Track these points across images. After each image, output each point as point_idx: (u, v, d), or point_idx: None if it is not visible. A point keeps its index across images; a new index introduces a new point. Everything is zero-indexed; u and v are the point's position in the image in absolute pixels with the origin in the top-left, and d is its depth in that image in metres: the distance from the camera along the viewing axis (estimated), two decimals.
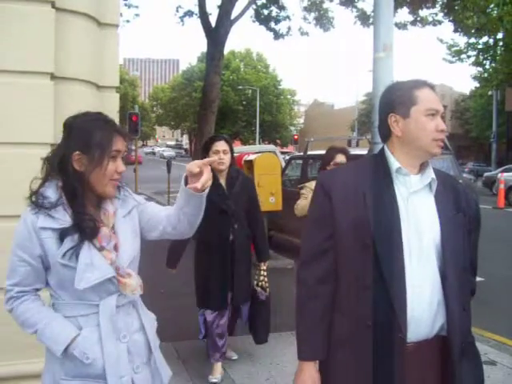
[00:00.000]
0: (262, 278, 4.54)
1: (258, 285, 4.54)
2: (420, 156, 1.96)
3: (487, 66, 25.99)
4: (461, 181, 5.30)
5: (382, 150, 2.04)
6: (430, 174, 1.96)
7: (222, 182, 4.27)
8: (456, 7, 14.19)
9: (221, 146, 4.20)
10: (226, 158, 4.20)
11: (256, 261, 4.56)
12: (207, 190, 2.06)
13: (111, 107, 3.64)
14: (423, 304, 1.86)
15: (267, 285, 4.56)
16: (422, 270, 1.87)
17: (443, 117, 1.94)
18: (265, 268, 4.55)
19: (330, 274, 1.97)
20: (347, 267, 1.93)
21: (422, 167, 1.98)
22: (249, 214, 4.40)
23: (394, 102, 1.96)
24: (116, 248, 2.00)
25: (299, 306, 2.02)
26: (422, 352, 1.88)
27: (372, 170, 1.98)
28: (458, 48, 23.81)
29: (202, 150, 4.18)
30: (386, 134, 2.01)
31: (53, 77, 3.09)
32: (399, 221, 1.86)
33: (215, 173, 3.83)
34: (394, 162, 1.95)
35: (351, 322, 1.91)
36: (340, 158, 4.72)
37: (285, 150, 48.74)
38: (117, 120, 3.71)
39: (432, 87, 1.98)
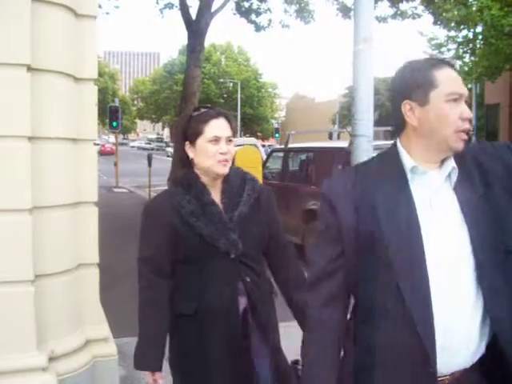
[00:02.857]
0: None
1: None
2: (441, 150, 1.62)
3: (467, 60, 26.15)
4: None
5: (394, 146, 1.70)
6: (449, 164, 1.63)
7: (216, 196, 2.33)
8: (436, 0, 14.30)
9: (221, 128, 2.29)
10: (232, 152, 2.33)
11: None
12: None
13: (89, 100, 3.60)
14: (459, 326, 1.54)
15: None
16: (455, 284, 1.55)
17: (467, 102, 1.62)
18: None
19: (339, 296, 1.69)
20: (361, 290, 1.65)
21: (443, 161, 1.65)
22: (269, 246, 2.44)
23: (408, 86, 1.63)
24: None
25: (305, 334, 1.79)
26: None
27: (383, 172, 1.65)
28: (438, 41, 23.90)
29: (180, 134, 2.40)
30: (400, 125, 1.68)
31: (29, 68, 3.04)
32: (419, 232, 1.55)
33: (202, 181, 2.31)
34: (409, 160, 1.62)
35: (366, 351, 1.62)
36: None
37: (266, 142, 48.80)
38: (96, 113, 3.69)
39: (453, 66, 1.64)
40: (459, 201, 1.60)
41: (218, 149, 2.25)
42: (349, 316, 1.75)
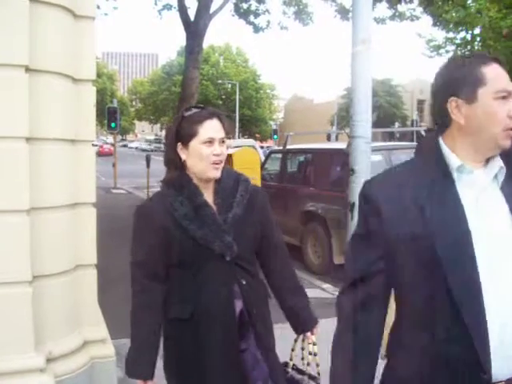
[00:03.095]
0: (309, 355, 2.47)
1: (293, 367, 2.52)
2: (487, 149, 1.57)
3: None
4: None
5: (437, 144, 1.62)
6: (496, 163, 1.57)
7: (209, 197, 2.27)
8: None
9: (215, 129, 2.22)
10: (225, 153, 2.25)
11: (296, 331, 2.49)
12: None
13: (88, 101, 3.60)
14: None
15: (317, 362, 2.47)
16: (506, 285, 1.48)
17: None
18: (314, 340, 2.46)
19: (377, 299, 1.63)
20: (408, 295, 1.58)
21: (488, 159, 1.60)
22: (261, 245, 2.40)
23: (455, 82, 1.56)
24: None
25: (334, 339, 1.67)
26: None
27: (426, 172, 1.59)
28: (436, 43, 23.95)
29: (172, 135, 2.27)
30: (444, 124, 1.61)
31: (27, 69, 3.04)
32: (468, 231, 1.49)
33: (195, 182, 2.25)
34: (454, 159, 1.56)
35: (412, 356, 1.56)
36: None
37: (264, 144, 48.85)
38: (94, 114, 3.69)
39: (500, 62, 1.57)
40: (507, 200, 1.56)
41: (212, 150, 2.18)
42: (392, 320, 1.70)
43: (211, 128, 2.20)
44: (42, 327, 3.18)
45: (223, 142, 2.23)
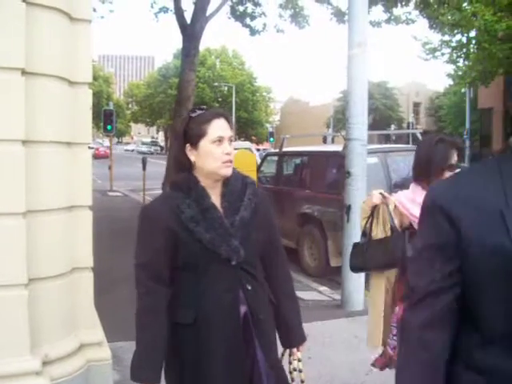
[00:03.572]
0: (293, 370, 2.43)
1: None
2: None
3: (460, 64, 26.26)
4: None
5: (510, 148, 1.47)
6: None
7: (216, 200, 2.24)
8: (431, 1, 14.39)
9: (223, 128, 2.21)
10: (233, 153, 2.26)
11: (283, 345, 2.46)
12: None
13: (84, 104, 3.59)
14: None
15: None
16: None
17: None
18: (300, 357, 2.43)
19: (447, 317, 1.47)
20: (487, 311, 1.42)
21: None
22: (265, 250, 2.36)
23: None
24: None
25: (401, 357, 1.53)
26: None
27: (502, 177, 1.43)
28: (432, 46, 24.03)
29: (179, 137, 2.26)
30: None
31: (23, 72, 3.04)
32: None
33: (202, 184, 2.21)
34: None
35: (488, 380, 1.39)
36: (455, 159, 2.97)
37: (260, 146, 48.89)
38: (90, 117, 3.69)
39: None
40: None
41: (223, 149, 2.17)
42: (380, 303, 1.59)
43: (219, 127, 2.19)
44: (38, 330, 3.17)
45: (231, 141, 2.22)
